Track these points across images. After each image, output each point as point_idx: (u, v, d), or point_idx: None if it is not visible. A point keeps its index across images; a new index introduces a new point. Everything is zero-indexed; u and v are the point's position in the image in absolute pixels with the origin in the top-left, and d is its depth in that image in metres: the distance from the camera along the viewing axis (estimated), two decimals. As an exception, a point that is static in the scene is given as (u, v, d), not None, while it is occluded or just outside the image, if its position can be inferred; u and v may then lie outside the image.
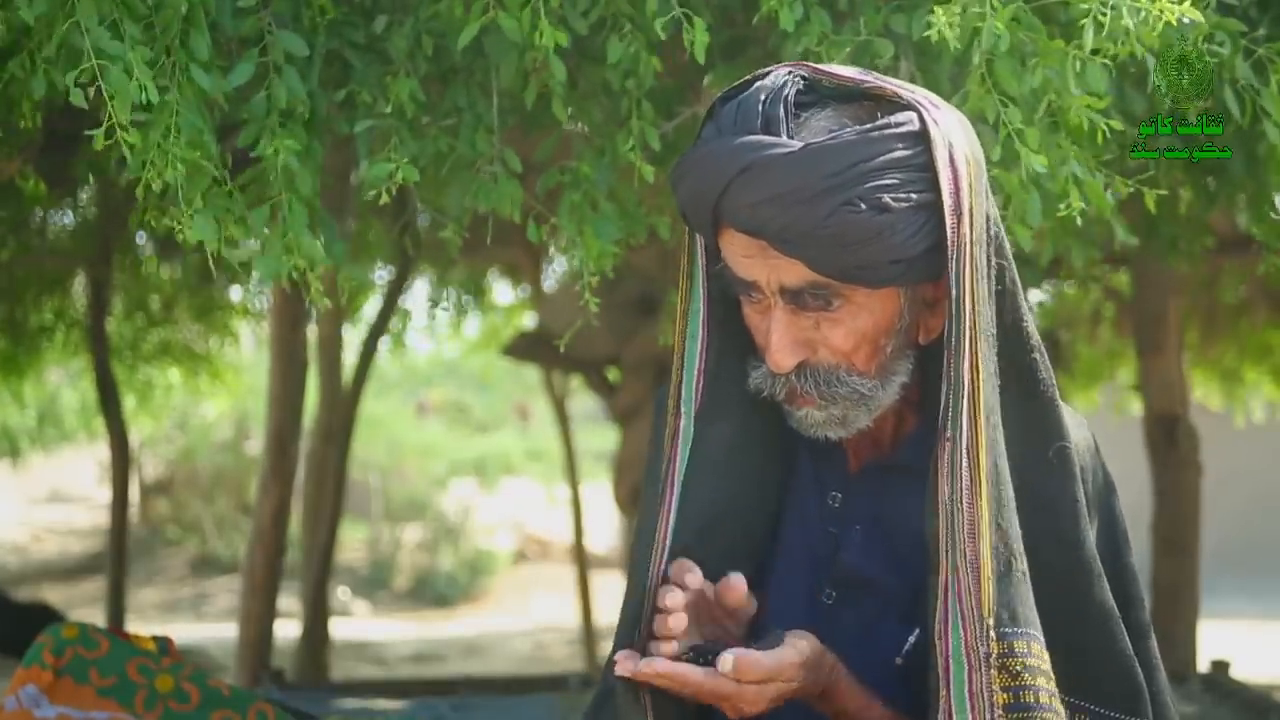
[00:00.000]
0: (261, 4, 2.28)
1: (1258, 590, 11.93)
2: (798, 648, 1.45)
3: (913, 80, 2.38)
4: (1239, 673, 4.64)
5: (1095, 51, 2.21)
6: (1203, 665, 5.26)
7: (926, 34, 2.19)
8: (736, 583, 1.50)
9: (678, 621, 1.44)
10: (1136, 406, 7.17)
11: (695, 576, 1.49)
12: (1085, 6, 2.19)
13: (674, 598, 1.45)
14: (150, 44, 2.12)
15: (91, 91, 2.04)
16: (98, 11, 2.06)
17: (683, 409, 1.56)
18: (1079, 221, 2.36)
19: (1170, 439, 5.62)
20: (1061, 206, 2.32)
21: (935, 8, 2.19)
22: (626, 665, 1.38)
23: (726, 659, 1.38)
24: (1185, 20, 2.17)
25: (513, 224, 2.61)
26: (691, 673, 1.39)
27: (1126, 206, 2.58)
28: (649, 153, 2.74)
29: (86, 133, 2.08)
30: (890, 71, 2.37)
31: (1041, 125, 2.32)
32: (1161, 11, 2.15)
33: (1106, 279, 6.85)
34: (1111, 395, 8.65)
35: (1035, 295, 7.23)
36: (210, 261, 2.26)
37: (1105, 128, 2.26)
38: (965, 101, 2.27)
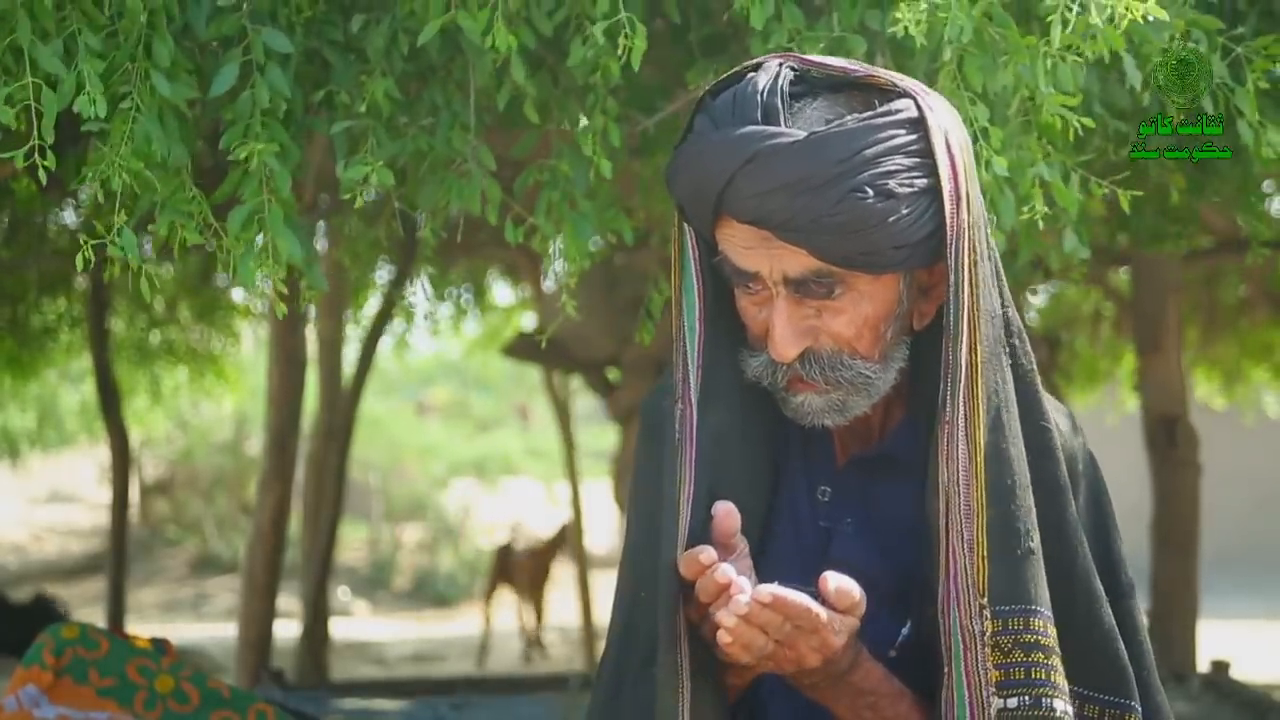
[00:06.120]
0: (239, 3, 2.26)
1: (1258, 590, 11.94)
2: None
3: None
4: (1239, 673, 4.64)
5: (1067, 48, 2.20)
6: (1203, 665, 5.26)
7: (895, 30, 2.17)
8: (724, 511, 1.46)
9: (727, 574, 1.39)
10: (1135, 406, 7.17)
11: (709, 553, 1.44)
12: (1052, 3, 2.18)
13: (708, 554, 1.41)
14: (114, 52, 2.11)
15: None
16: (54, 26, 2.04)
17: (693, 398, 1.55)
18: (1040, 225, 2.35)
19: (1170, 439, 5.62)
20: (1025, 209, 2.31)
21: (900, 3, 2.18)
22: (740, 600, 1.35)
23: (829, 582, 1.38)
24: (1152, 18, 2.15)
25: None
26: (797, 597, 1.37)
27: (1114, 203, 2.57)
28: (632, 145, 2.72)
29: (1, 156, 2.07)
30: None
31: (1014, 124, 2.31)
32: (1128, 9, 2.13)
33: (1106, 279, 6.86)
34: (1113, 394, 8.65)
35: (1033, 297, 7.25)
36: (217, 262, 2.25)
37: (1077, 125, 2.25)
38: None
